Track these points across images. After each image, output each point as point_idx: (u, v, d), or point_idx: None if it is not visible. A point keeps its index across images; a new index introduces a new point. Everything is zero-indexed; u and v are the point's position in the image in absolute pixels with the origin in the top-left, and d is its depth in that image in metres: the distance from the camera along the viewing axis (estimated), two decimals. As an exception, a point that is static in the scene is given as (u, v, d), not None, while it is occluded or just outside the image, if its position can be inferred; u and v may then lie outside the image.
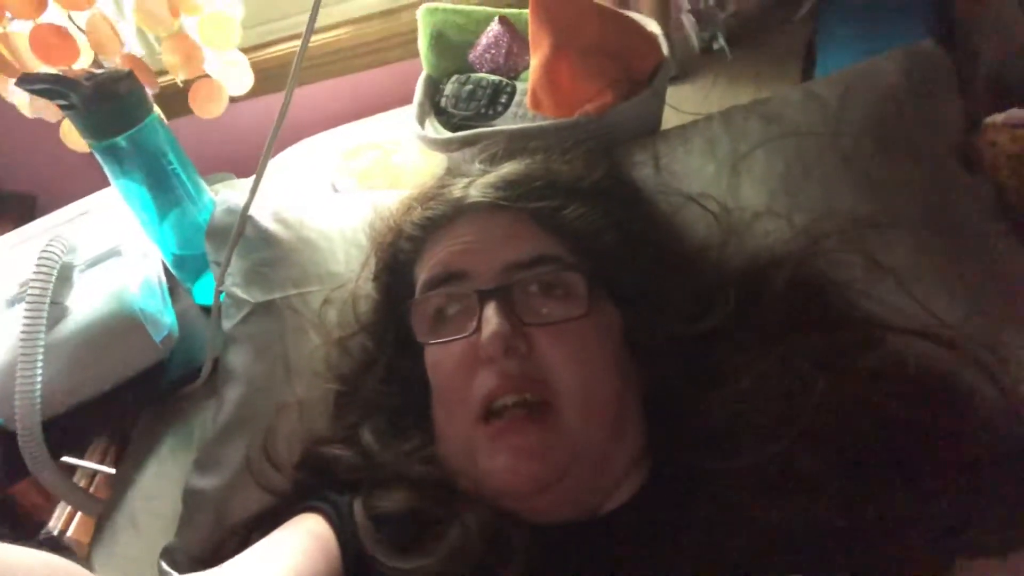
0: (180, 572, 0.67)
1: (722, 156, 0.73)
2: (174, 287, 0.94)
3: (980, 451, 0.53)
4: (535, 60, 0.79)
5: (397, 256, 0.66)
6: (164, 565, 0.68)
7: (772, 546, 0.50)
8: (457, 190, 0.63)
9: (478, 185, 0.63)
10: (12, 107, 0.99)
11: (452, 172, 0.70)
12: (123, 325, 0.80)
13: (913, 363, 0.57)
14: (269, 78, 1.17)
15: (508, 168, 0.64)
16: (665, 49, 0.81)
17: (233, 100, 1.04)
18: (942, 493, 0.51)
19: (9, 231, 1.00)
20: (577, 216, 0.60)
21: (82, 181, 1.01)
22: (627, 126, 0.79)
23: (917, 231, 0.65)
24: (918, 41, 0.75)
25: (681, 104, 0.81)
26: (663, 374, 0.59)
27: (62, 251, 0.80)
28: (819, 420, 0.52)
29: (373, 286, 0.70)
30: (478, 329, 0.55)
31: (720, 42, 1.07)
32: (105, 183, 0.85)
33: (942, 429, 0.53)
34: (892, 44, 0.75)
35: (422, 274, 0.62)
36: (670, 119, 0.84)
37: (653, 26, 0.86)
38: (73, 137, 1.00)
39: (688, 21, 1.10)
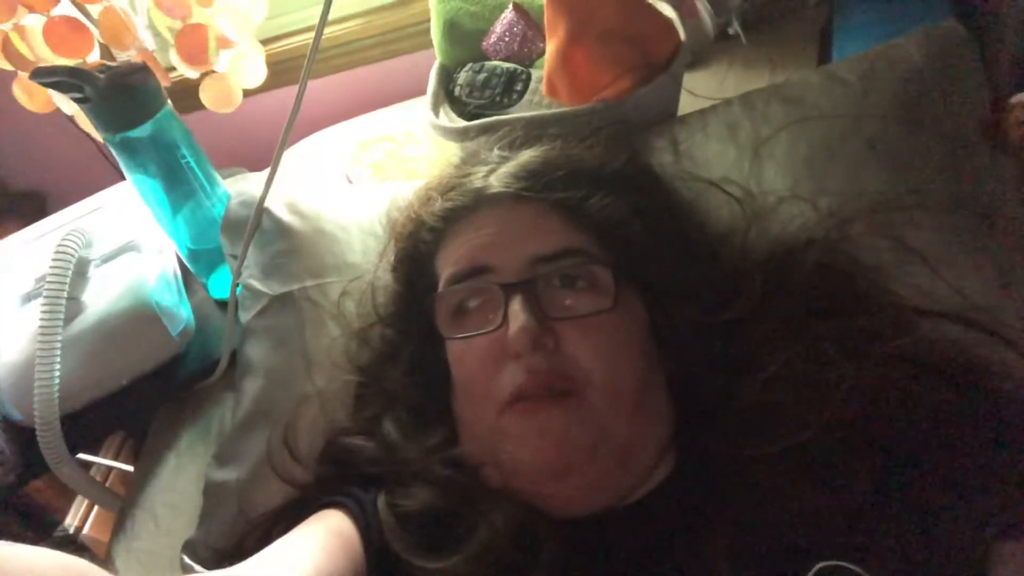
0: (202, 565, 0.67)
1: (743, 140, 0.72)
2: (188, 280, 0.94)
3: (1014, 435, 0.52)
4: (551, 47, 0.78)
5: (418, 247, 0.65)
6: (186, 559, 0.68)
7: (803, 533, 0.49)
8: (478, 179, 0.63)
9: (500, 175, 0.62)
10: (20, 105, 0.98)
11: (470, 160, 0.69)
12: (140, 319, 0.79)
13: (945, 347, 0.56)
14: (280, 72, 1.17)
15: (528, 156, 0.64)
16: (682, 33, 0.80)
17: (246, 94, 1.03)
18: (975, 478, 0.50)
19: (19, 229, 1.00)
20: (601, 207, 0.59)
21: (91, 178, 1.01)
22: (645, 112, 0.78)
23: (945, 212, 0.64)
24: (940, 21, 0.73)
25: (696, 90, 0.80)
26: (689, 362, 0.58)
27: (79, 245, 0.79)
28: (849, 406, 0.51)
29: (392, 277, 0.69)
30: (504, 324, 0.54)
31: (735, 27, 1.05)
32: (114, 180, 0.85)
33: (975, 413, 0.52)
34: (910, 29, 0.73)
35: (445, 267, 0.61)
36: (686, 105, 0.83)
37: (668, 10, 0.85)
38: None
39: (702, 6, 1.08)
